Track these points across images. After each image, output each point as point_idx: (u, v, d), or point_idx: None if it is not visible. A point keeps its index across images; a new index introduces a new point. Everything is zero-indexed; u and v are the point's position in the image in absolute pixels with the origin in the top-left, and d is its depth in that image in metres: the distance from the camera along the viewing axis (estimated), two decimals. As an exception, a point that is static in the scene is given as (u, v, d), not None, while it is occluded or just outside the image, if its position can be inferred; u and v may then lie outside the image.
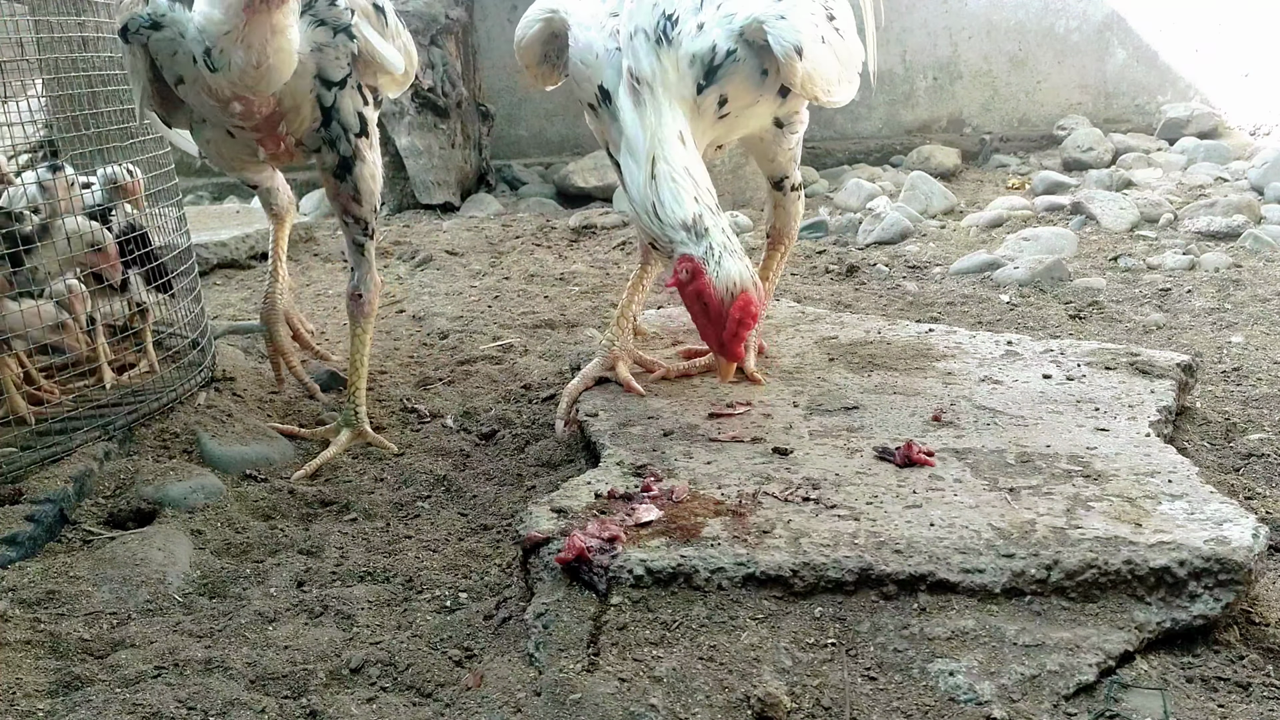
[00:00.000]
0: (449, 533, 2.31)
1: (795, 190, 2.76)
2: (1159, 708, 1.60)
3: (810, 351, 2.89)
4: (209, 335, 3.20)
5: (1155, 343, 3.36)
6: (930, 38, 7.37)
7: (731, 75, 2.27)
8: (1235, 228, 4.64)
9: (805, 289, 4.26)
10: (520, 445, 2.77)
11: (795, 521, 1.91)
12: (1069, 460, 2.12)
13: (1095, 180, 5.76)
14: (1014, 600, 1.74)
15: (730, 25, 2.25)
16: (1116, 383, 2.57)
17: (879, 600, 1.76)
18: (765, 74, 2.30)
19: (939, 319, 3.73)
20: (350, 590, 2.05)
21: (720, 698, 1.61)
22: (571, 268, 4.86)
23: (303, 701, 1.70)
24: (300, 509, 2.47)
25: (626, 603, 1.78)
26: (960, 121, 7.45)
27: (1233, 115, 6.85)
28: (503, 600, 1.98)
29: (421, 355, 3.61)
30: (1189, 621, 1.72)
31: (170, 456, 2.59)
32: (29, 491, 2.33)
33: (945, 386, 2.58)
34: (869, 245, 5.03)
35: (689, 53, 2.25)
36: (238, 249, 5.19)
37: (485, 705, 1.65)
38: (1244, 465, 2.48)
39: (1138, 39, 7.09)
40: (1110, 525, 1.83)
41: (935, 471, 2.09)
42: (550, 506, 2.01)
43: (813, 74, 2.28)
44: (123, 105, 2.88)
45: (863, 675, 1.67)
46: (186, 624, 1.96)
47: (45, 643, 1.88)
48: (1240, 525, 1.81)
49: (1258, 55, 6.80)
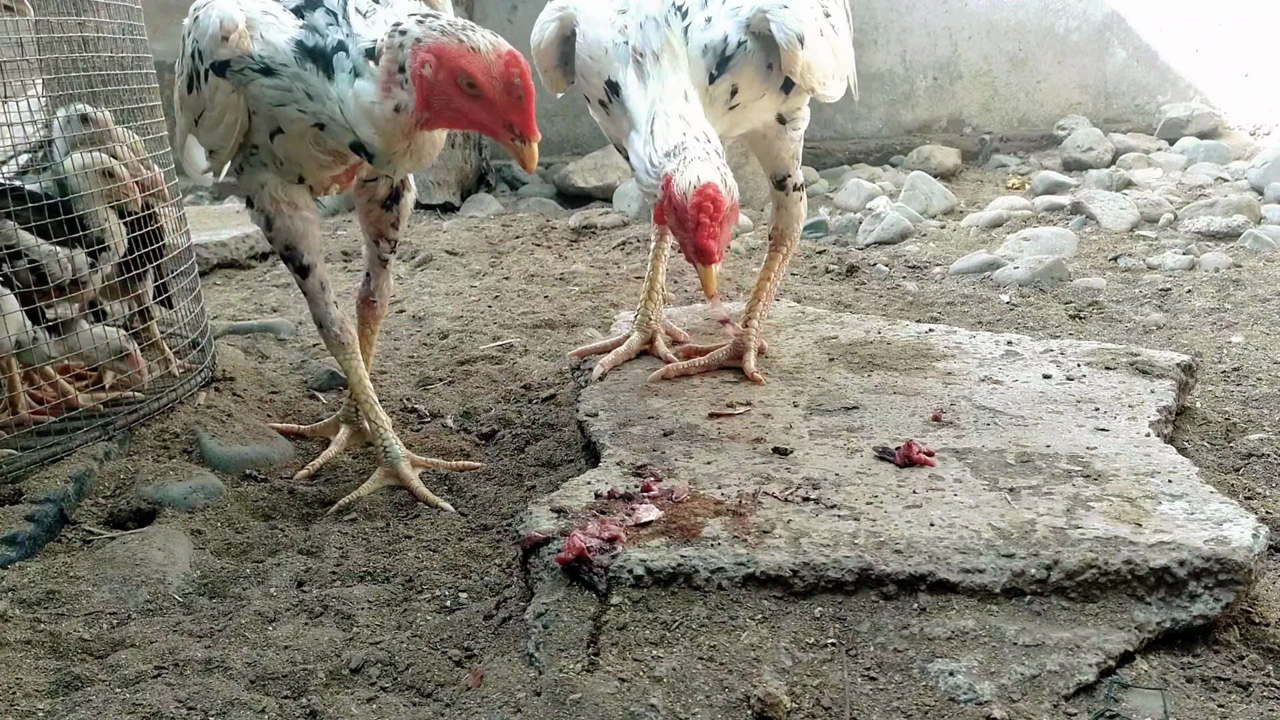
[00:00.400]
0: (449, 533, 2.31)
1: (798, 190, 2.77)
2: (1159, 708, 1.60)
3: (810, 351, 2.89)
4: (209, 335, 3.20)
5: (1155, 343, 3.36)
6: (930, 38, 7.36)
7: (743, 66, 2.35)
8: (1235, 228, 4.64)
9: (805, 289, 4.25)
10: (520, 445, 2.77)
11: (795, 521, 1.91)
12: (1069, 460, 2.12)
13: (1095, 180, 5.76)
14: (1014, 600, 1.74)
15: (738, 17, 2.33)
16: (1116, 383, 2.57)
17: (879, 600, 1.76)
18: (770, 68, 2.37)
19: (939, 319, 3.73)
20: (350, 590, 2.05)
21: (720, 698, 1.61)
22: (571, 268, 4.86)
23: (303, 701, 1.69)
24: (300, 509, 2.47)
25: (626, 603, 1.78)
26: (960, 121, 7.45)
27: (1233, 115, 6.85)
28: (503, 600, 1.98)
29: (421, 355, 3.62)
30: (1189, 621, 1.72)
31: (170, 456, 2.59)
32: (29, 491, 2.33)
33: (945, 386, 2.58)
34: (869, 245, 5.03)
35: (700, 44, 2.32)
36: (238, 249, 5.19)
37: (485, 705, 1.65)
38: (1244, 465, 2.48)
39: (1138, 39, 7.09)
40: (1110, 525, 1.83)
41: (935, 471, 2.09)
42: (550, 506, 2.01)
43: (812, 64, 2.35)
44: (122, 105, 2.88)
45: (863, 675, 1.67)
46: (186, 624, 1.96)
47: (45, 643, 1.88)
48: (1240, 525, 1.81)
49: (1258, 55, 6.80)
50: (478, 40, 1.98)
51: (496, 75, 1.97)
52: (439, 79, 1.99)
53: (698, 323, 3.21)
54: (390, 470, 2.51)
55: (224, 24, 2.18)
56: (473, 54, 1.97)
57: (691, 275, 4.17)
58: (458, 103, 2.01)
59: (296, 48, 2.17)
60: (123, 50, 2.90)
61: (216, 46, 2.19)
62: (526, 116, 1.99)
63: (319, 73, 2.14)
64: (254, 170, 2.40)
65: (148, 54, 3.04)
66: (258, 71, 2.20)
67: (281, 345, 3.74)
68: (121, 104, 2.88)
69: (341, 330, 2.53)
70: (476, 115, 2.03)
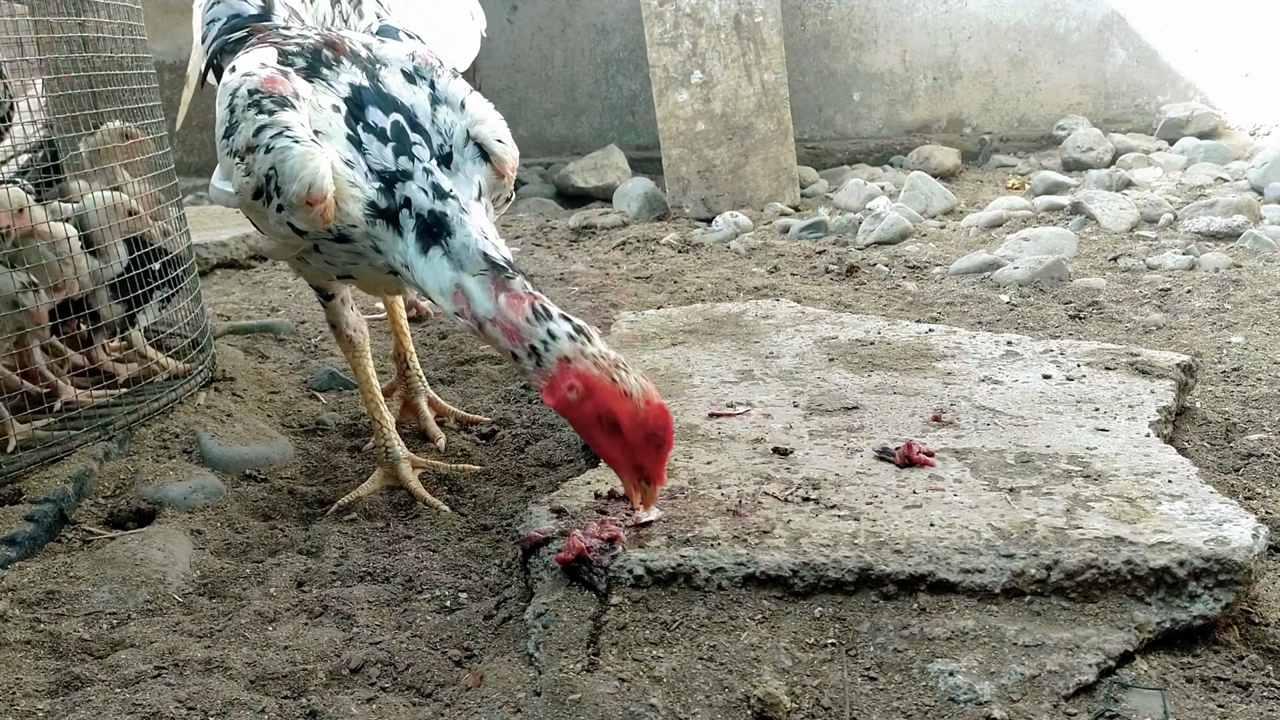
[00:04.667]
0: (449, 533, 2.31)
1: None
2: (1159, 708, 1.60)
3: (810, 351, 2.89)
4: (209, 335, 3.20)
5: (1155, 343, 3.36)
6: (930, 38, 7.37)
7: None
8: (1235, 228, 4.64)
9: (805, 289, 4.26)
10: (520, 445, 2.77)
11: (795, 521, 1.91)
12: (1069, 460, 2.12)
13: (1095, 180, 5.76)
14: (1014, 600, 1.74)
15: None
16: (1116, 383, 2.57)
17: (879, 600, 1.76)
18: None
19: (939, 319, 3.73)
20: (350, 590, 2.05)
21: (720, 698, 1.61)
22: (571, 268, 4.86)
23: (303, 701, 1.70)
24: (300, 509, 2.47)
25: (626, 603, 1.78)
26: (960, 121, 7.45)
27: (1233, 115, 6.85)
28: (503, 600, 1.98)
29: (421, 355, 3.61)
30: (1189, 621, 1.72)
31: (170, 456, 2.59)
32: (29, 491, 2.33)
33: (945, 386, 2.58)
34: (869, 245, 5.03)
35: None
36: (238, 249, 5.20)
37: (485, 705, 1.65)
38: (1244, 465, 2.48)
39: (1138, 39, 7.09)
40: (1110, 525, 1.83)
41: (935, 471, 2.09)
42: (550, 506, 2.01)
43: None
44: (122, 105, 2.88)
45: (863, 675, 1.67)
46: (186, 624, 1.96)
47: (45, 643, 1.89)
48: (1240, 525, 1.81)
49: (1258, 55, 6.80)
50: (630, 384, 1.88)
51: (640, 423, 1.87)
52: (583, 409, 1.90)
53: (697, 322, 3.21)
54: (390, 470, 2.51)
55: (313, 191, 2.00)
56: (624, 399, 1.87)
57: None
58: (593, 431, 1.92)
59: (369, 208, 2.07)
60: (123, 50, 2.89)
61: (295, 209, 2.05)
62: (660, 465, 1.90)
63: (390, 229, 2.07)
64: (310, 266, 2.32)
65: (148, 54, 3.04)
66: (334, 241, 2.13)
67: (281, 345, 3.74)
68: (121, 104, 2.87)
69: (355, 331, 2.52)
70: (608, 449, 1.93)
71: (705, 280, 4.43)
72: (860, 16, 7.44)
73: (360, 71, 2.21)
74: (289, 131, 2.06)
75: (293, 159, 2.02)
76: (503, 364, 3.44)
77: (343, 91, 2.17)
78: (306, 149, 2.03)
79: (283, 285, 4.34)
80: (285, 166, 2.03)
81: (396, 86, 2.20)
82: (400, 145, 2.11)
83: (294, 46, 2.26)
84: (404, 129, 2.13)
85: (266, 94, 2.11)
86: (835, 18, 7.47)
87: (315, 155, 2.03)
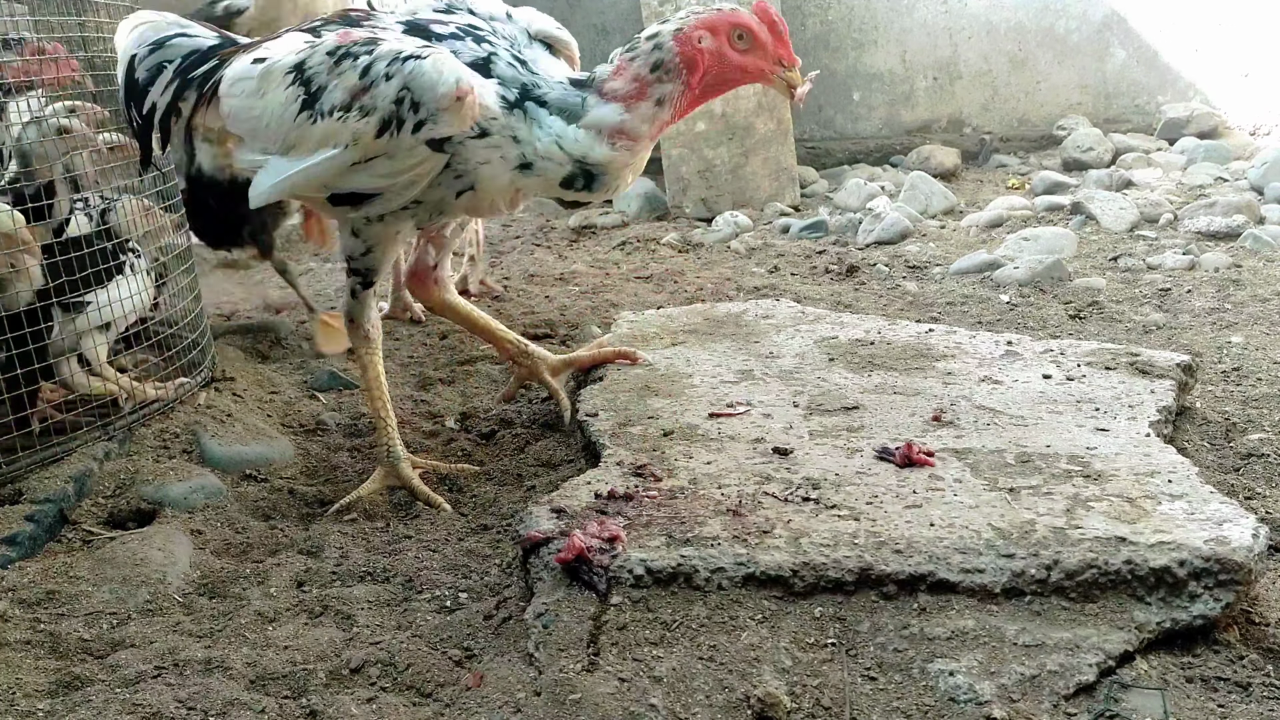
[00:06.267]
0: (449, 533, 2.31)
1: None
2: (1159, 708, 1.60)
3: (810, 351, 2.89)
4: (209, 335, 3.20)
5: (1155, 343, 3.36)
6: (930, 38, 7.36)
7: None
8: (1235, 228, 4.63)
9: (805, 289, 4.25)
10: (520, 445, 2.77)
11: (795, 521, 1.91)
12: (1069, 460, 2.12)
13: (1095, 180, 5.76)
14: (1014, 600, 1.74)
15: None
16: (1116, 383, 2.57)
17: (879, 600, 1.76)
18: None
19: (939, 319, 3.73)
20: (350, 590, 2.05)
21: (720, 698, 1.61)
22: (571, 268, 4.86)
23: (303, 701, 1.69)
24: (300, 509, 2.47)
25: (626, 603, 1.78)
26: (960, 121, 7.45)
27: (1233, 115, 6.84)
28: (503, 600, 1.98)
29: (421, 355, 3.61)
30: (1189, 621, 1.72)
31: (170, 456, 2.59)
32: (29, 491, 2.34)
33: (945, 386, 2.58)
34: (869, 245, 5.03)
35: None
36: (238, 249, 5.17)
37: (485, 705, 1.65)
38: (1244, 465, 2.48)
39: (1138, 39, 7.08)
40: (1110, 525, 1.83)
41: (935, 471, 2.09)
42: (550, 506, 2.01)
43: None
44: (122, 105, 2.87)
45: (863, 675, 1.67)
46: (186, 624, 1.96)
47: (45, 643, 1.89)
48: (1240, 525, 1.81)
49: (1258, 55, 6.79)
50: (727, 3, 2.26)
51: (761, 11, 2.16)
52: (716, 46, 2.15)
53: (697, 322, 3.21)
54: (390, 470, 2.51)
55: (461, 85, 2.08)
56: (734, 12, 2.17)
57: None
58: (731, 61, 2.17)
59: (500, 100, 2.18)
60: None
61: (444, 113, 2.10)
62: (788, 46, 2.18)
63: (525, 118, 2.19)
64: (394, 219, 2.33)
65: (148, 54, 3.03)
66: (475, 137, 2.17)
67: (281, 345, 3.74)
68: (120, 104, 2.87)
69: (373, 326, 2.53)
70: (750, 64, 2.18)
71: (705, 280, 4.43)
72: (860, 16, 7.44)
73: (396, 23, 2.32)
74: (404, 53, 2.13)
75: (426, 69, 2.10)
76: (502, 364, 3.44)
77: (398, 31, 2.27)
78: (434, 57, 2.11)
79: (283, 285, 4.32)
80: (422, 79, 2.09)
81: (438, 16, 2.33)
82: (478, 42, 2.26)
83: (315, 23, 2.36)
84: (479, 31, 2.28)
85: (349, 44, 2.20)
86: (835, 18, 7.47)
87: (445, 57, 2.12)
